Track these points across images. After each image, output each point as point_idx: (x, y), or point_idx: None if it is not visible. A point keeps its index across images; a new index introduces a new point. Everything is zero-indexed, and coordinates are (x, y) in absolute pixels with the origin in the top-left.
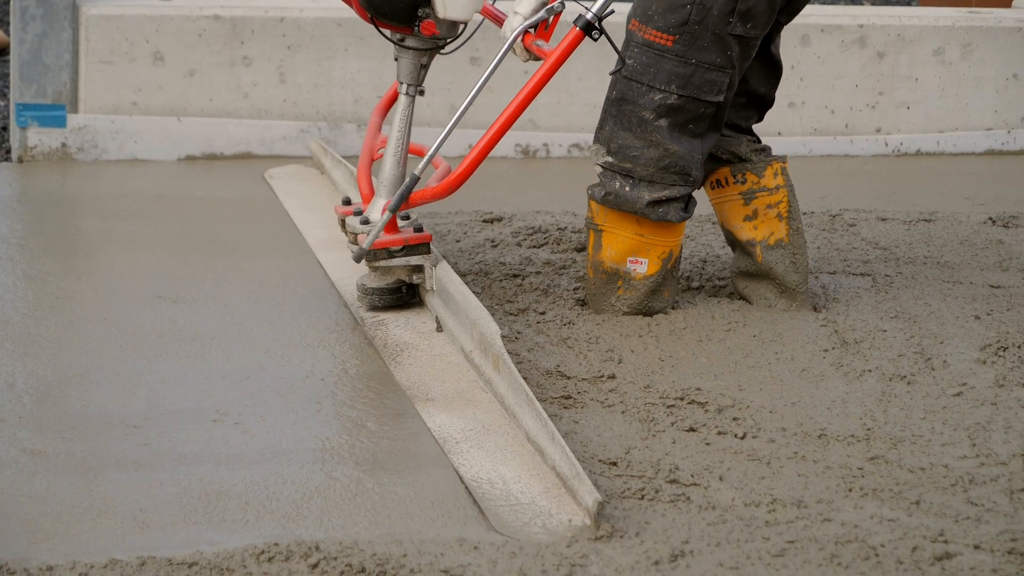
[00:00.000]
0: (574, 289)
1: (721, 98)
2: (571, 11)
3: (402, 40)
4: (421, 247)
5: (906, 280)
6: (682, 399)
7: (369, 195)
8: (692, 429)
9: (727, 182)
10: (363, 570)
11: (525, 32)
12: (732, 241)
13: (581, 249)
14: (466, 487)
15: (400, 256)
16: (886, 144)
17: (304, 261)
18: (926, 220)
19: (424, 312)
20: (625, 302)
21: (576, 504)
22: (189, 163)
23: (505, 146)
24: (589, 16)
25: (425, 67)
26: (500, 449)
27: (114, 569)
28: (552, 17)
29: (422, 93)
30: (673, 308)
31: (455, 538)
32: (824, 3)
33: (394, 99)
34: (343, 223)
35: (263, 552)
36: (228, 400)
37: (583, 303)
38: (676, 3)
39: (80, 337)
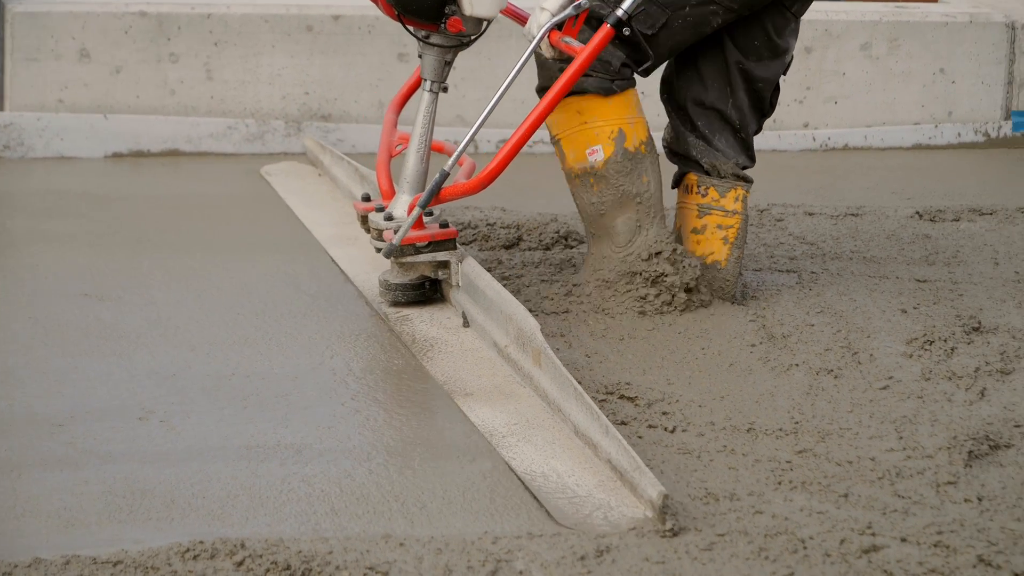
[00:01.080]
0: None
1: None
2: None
3: (427, 37)
4: (447, 243)
5: (832, 275)
6: (612, 394)
7: (388, 191)
8: (623, 423)
9: (690, 190)
10: (288, 567)
11: (552, 29)
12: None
13: (509, 246)
14: (520, 480)
15: (427, 252)
16: (814, 139)
17: (316, 258)
18: (853, 215)
19: (447, 308)
20: (601, 195)
21: (635, 497)
22: (115, 160)
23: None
24: (620, 13)
25: (449, 64)
26: (549, 443)
27: (38, 568)
28: (579, 14)
29: (445, 90)
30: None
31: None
32: None
33: (408, 95)
34: (363, 219)
35: (188, 550)
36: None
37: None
38: None
39: (4, 335)
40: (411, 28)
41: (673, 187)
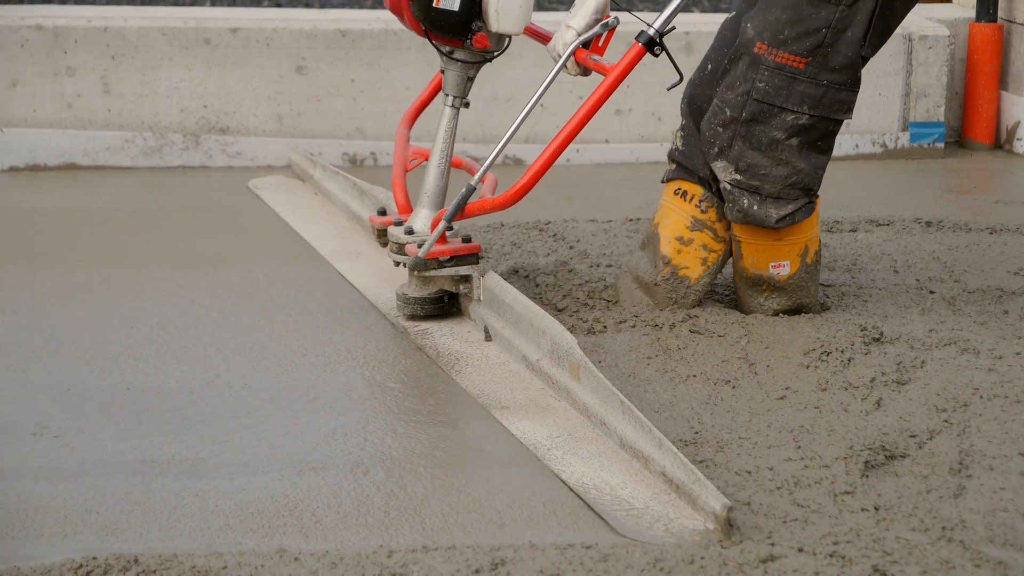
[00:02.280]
0: None
1: (850, 116)
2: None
3: (451, 53)
4: (469, 257)
5: (732, 285)
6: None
7: (406, 206)
8: None
9: (689, 198)
10: None
11: (578, 48)
12: (649, 240)
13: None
14: (574, 492)
15: (449, 266)
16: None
17: (323, 271)
18: None
19: (466, 321)
20: (775, 301)
21: (693, 509)
22: (12, 174)
23: (332, 155)
24: (651, 32)
25: (471, 79)
26: (595, 456)
27: None
28: (607, 32)
29: (467, 105)
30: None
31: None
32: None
33: (420, 109)
34: (380, 233)
35: (81, 566)
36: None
37: None
38: (811, 28)
39: None
40: (437, 44)
41: (663, 182)
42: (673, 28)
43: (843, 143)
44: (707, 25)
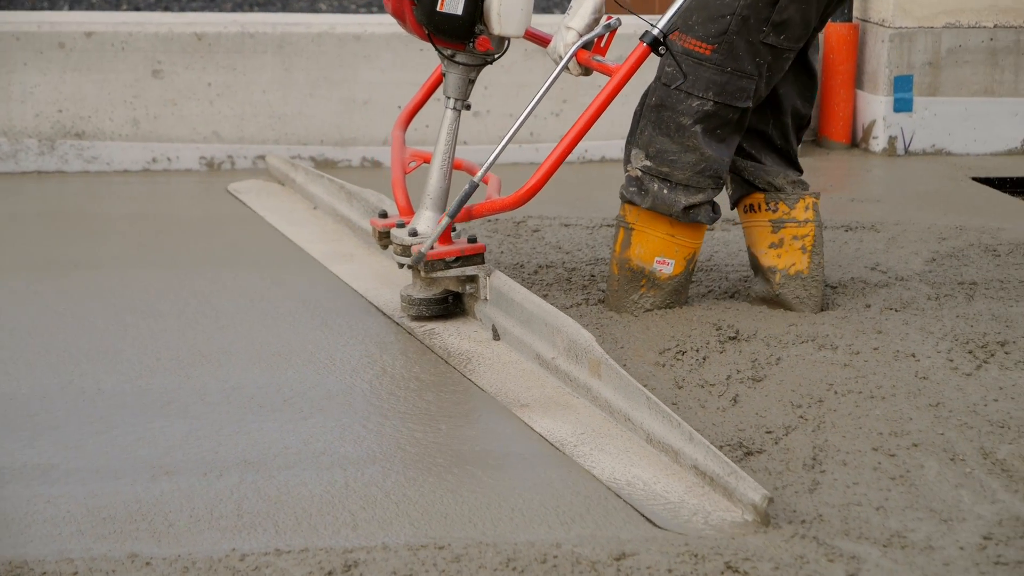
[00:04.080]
0: None
1: (749, 103)
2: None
3: (453, 56)
4: (475, 257)
5: (587, 284)
6: None
7: (407, 208)
8: None
9: (759, 208)
10: None
11: (580, 49)
12: (755, 265)
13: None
14: (608, 488)
15: (456, 267)
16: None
17: (319, 273)
18: (608, 225)
19: (471, 321)
20: (649, 300)
21: (729, 501)
22: None
23: (189, 159)
24: (656, 32)
25: (472, 82)
26: (623, 452)
27: None
28: (608, 33)
29: (468, 107)
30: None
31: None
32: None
33: (414, 112)
34: (381, 235)
35: None
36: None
37: None
38: (716, 14)
39: None
40: (439, 47)
41: (732, 208)
42: (678, 28)
43: None
44: None
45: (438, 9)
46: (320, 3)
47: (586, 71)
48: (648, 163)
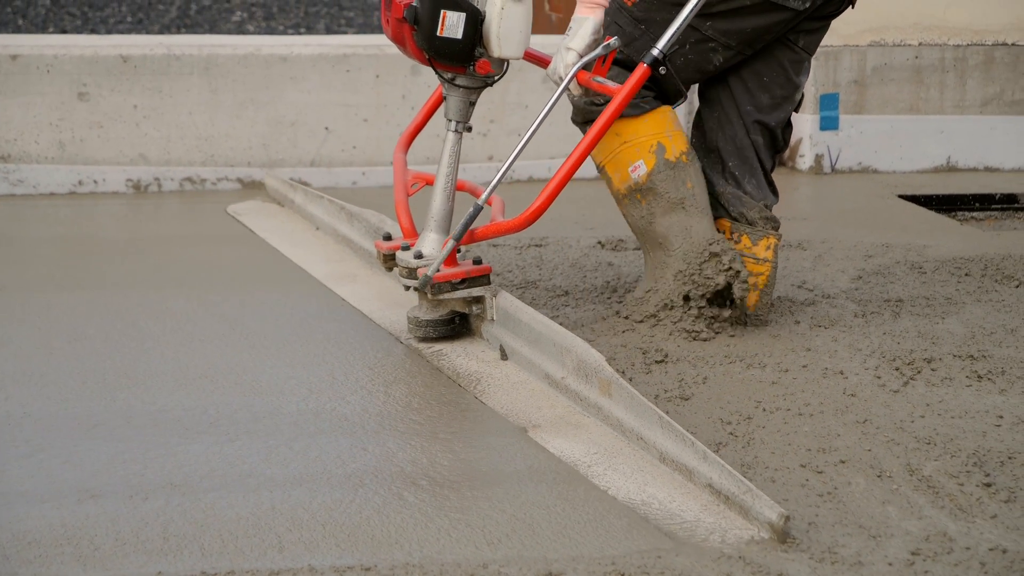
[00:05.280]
0: None
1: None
2: None
3: (453, 79)
4: (481, 278)
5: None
6: None
7: (410, 230)
8: None
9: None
10: None
11: (580, 70)
12: None
13: None
14: (628, 507)
15: (462, 288)
16: (497, 171)
17: (323, 295)
18: (537, 245)
19: (478, 341)
20: (658, 205)
21: (745, 519)
22: None
23: (116, 181)
24: (656, 52)
25: (473, 104)
26: (637, 471)
27: None
28: (608, 53)
29: (469, 129)
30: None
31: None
32: None
33: (415, 133)
34: (386, 258)
35: None
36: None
37: None
38: None
39: None
40: (439, 71)
41: None
42: (677, 48)
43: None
44: None
45: (438, 34)
46: (248, 24)
47: (587, 92)
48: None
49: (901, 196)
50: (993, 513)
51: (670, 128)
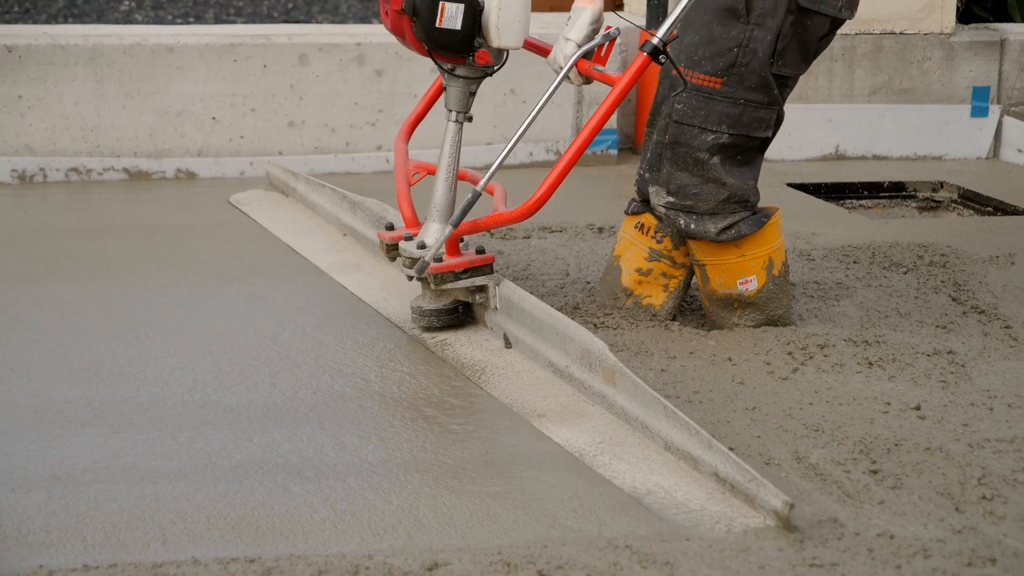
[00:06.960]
0: None
1: (769, 133)
2: None
3: (453, 70)
4: (484, 268)
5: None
6: None
7: (412, 219)
8: None
9: (646, 231)
10: None
11: (580, 59)
12: (609, 271)
13: None
14: (632, 497)
15: (465, 278)
16: (387, 161)
17: (325, 284)
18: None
19: (481, 330)
20: (749, 318)
21: (750, 507)
22: None
23: (0, 172)
24: (655, 41)
25: (473, 94)
26: (642, 460)
27: None
28: (608, 43)
29: (470, 119)
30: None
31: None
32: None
33: (415, 124)
34: (389, 248)
35: None
36: None
37: None
38: (723, 48)
39: None
40: (439, 62)
41: (627, 213)
42: (676, 37)
43: (517, 151)
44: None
45: (437, 25)
46: (136, 14)
47: (587, 81)
48: (671, 199)
49: (790, 184)
50: (880, 499)
51: (780, 237)
